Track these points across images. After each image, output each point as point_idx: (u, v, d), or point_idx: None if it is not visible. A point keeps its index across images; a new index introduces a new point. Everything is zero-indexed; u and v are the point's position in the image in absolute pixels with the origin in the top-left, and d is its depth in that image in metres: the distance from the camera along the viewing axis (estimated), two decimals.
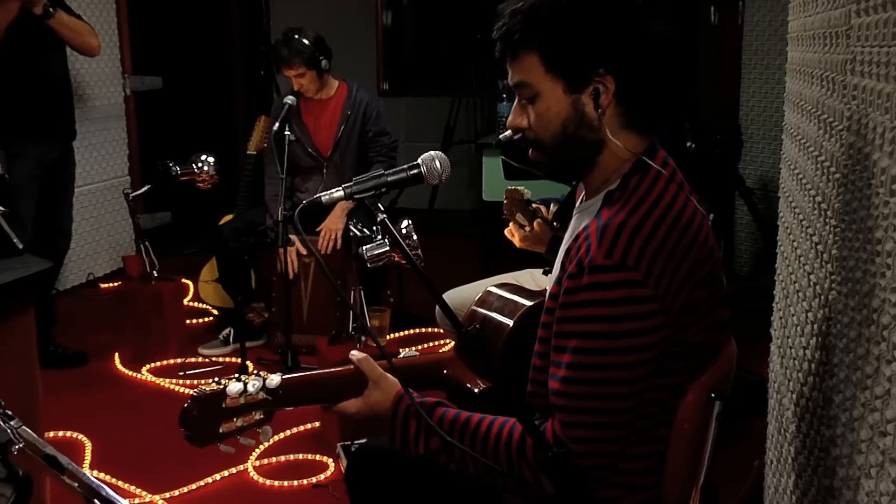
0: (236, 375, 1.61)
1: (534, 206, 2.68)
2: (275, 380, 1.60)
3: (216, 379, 1.58)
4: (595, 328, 1.47)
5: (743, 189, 5.02)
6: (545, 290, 1.89)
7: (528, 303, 2.01)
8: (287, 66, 4.32)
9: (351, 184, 1.68)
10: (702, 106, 5.55)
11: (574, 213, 1.75)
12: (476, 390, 1.79)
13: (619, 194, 1.57)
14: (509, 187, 2.67)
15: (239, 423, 1.57)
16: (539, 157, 1.65)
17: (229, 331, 4.54)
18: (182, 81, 6.56)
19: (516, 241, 2.69)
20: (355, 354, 1.71)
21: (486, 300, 2.08)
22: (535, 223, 2.63)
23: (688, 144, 3.88)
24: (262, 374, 1.61)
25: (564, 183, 1.68)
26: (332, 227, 4.31)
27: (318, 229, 4.32)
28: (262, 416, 1.60)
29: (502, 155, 1.49)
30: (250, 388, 1.57)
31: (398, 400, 1.67)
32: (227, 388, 1.55)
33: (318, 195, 1.68)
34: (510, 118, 1.65)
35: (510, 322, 1.97)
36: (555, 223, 2.59)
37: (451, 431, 1.62)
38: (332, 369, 1.71)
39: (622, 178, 1.59)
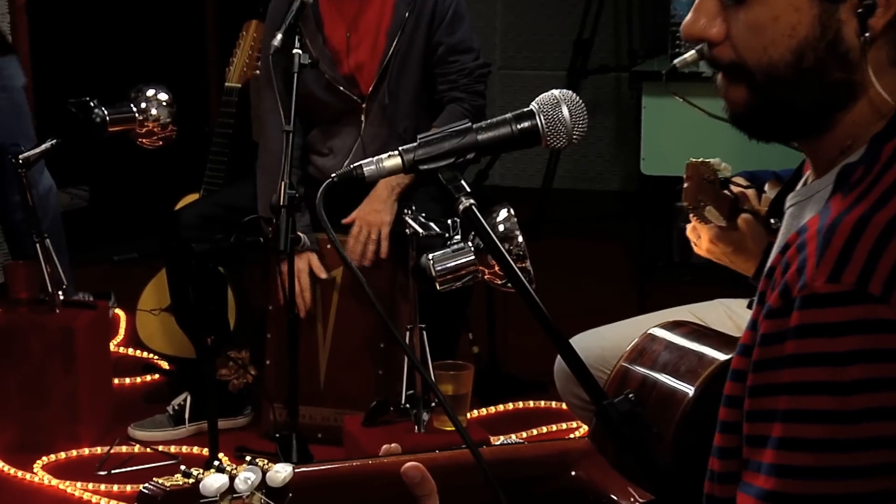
0: (217, 464, 1.64)
1: (734, 189, 2.66)
2: (281, 473, 1.64)
3: (184, 468, 1.61)
4: (812, 404, 1.47)
5: None
6: None
7: (722, 356, 2.02)
8: None
9: (414, 145, 1.72)
10: None
11: (788, 203, 1.75)
12: None
13: (861, 171, 1.56)
14: (693, 159, 2.66)
15: None
16: (736, 93, 1.66)
17: (185, 398, 4.63)
18: None
19: (702, 248, 2.71)
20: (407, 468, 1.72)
21: (648, 350, 2.11)
22: (738, 220, 2.62)
23: None
24: (258, 461, 1.65)
25: (773, 141, 1.66)
26: (374, 219, 4.35)
27: (345, 221, 4.37)
28: None
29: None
30: (240, 485, 1.61)
31: None
32: (203, 483, 1.59)
33: (356, 164, 1.71)
34: (690, 16, 1.65)
35: (690, 389, 1.99)
36: (772, 220, 2.57)
37: None
38: (386, 457, 1.75)
39: (869, 145, 1.59)
